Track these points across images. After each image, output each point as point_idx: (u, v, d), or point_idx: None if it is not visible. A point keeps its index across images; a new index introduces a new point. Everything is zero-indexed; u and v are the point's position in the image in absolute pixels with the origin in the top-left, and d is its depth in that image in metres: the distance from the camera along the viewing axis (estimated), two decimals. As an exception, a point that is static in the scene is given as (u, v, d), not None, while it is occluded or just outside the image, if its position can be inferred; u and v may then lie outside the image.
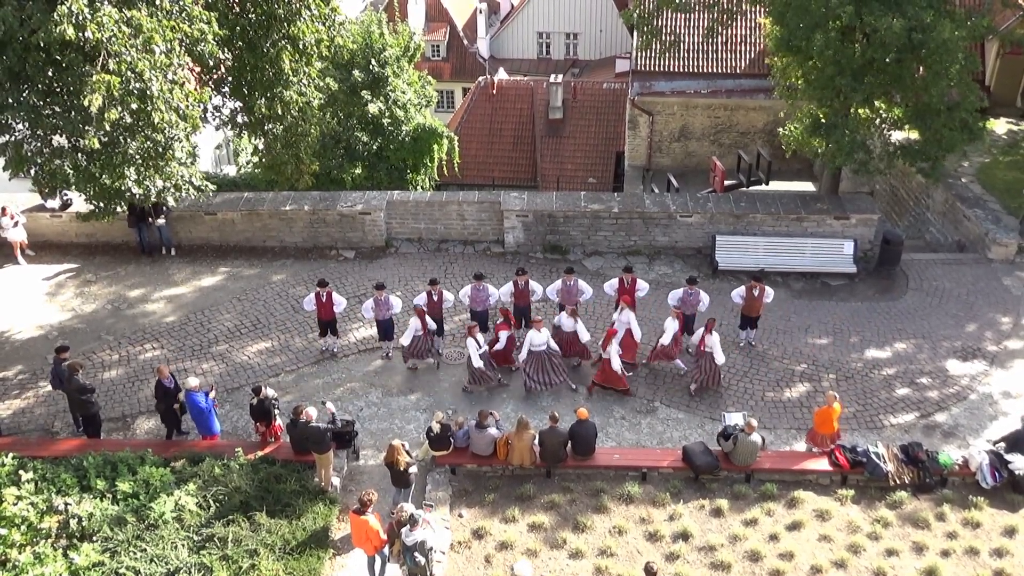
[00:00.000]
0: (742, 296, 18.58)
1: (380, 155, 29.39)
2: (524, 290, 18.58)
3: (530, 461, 15.26)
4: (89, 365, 18.31)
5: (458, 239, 22.98)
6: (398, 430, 16.83)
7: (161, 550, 13.19)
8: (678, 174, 31.57)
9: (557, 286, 18.64)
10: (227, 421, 17.03)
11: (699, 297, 18.28)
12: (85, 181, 16.33)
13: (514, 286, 18.59)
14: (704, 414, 17.23)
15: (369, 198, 23.14)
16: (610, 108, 42.79)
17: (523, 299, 18.66)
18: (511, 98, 44.68)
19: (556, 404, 17.16)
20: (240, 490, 14.34)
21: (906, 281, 21.77)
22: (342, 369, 18.46)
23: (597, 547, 14.13)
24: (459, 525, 14.58)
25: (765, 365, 18.61)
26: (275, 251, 22.98)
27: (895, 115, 21.67)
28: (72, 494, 14.10)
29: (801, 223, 22.23)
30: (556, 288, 18.65)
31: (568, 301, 18.35)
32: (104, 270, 22.14)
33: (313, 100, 20.62)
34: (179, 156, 17.41)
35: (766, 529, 14.47)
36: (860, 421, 17.08)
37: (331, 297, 18.23)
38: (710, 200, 23.12)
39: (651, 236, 22.41)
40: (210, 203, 22.78)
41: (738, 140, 32.85)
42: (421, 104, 30.62)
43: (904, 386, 18.04)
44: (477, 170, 42.05)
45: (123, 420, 17.21)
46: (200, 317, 20.20)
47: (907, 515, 14.72)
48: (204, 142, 33.69)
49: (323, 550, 13.84)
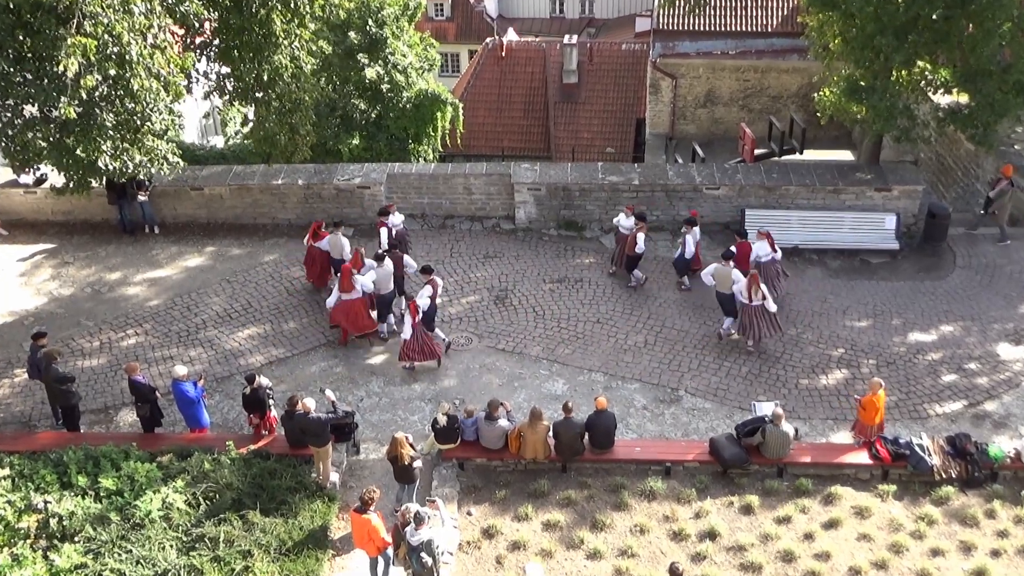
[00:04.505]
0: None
1: (379, 124, 29.31)
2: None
3: (544, 455, 15.28)
4: (67, 352, 18.39)
5: (465, 215, 22.94)
6: (401, 422, 16.87)
7: (147, 551, 13.27)
8: (704, 143, 31.42)
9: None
10: (217, 412, 17.09)
11: (731, 275, 18.27)
12: (59, 154, 16.32)
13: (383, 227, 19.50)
14: (733, 403, 17.20)
15: (368, 171, 23.09)
16: (629, 71, 42.57)
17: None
18: (521, 61, 44.47)
19: (573, 394, 17.18)
20: (232, 487, 14.41)
21: (953, 258, 21.63)
22: (340, 355, 18.50)
23: (617, 547, 14.16)
24: (468, 524, 14.63)
25: (799, 350, 18.55)
26: (267, 229, 22.98)
27: (942, 77, 21.47)
28: (52, 491, 14.18)
29: (838, 196, 22.08)
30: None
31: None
32: (83, 250, 22.20)
33: (306, 65, 20.53)
34: (158, 128, 17.37)
35: (800, 527, 14.46)
36: (903, 411, 17.02)
37: (402, 261, 19.01)
38: (739, 171, 23.00)
39: (675, 211, 22.32)
40: (196, 177, 22.78)
41: (769, 105, 32.62)
42: (423, 68, 30.49)
43: (951, 372, 17.95)
44: (485, 140, 41.94)
45: (105, 412, 17.30)
46: (186, 300, 20.25)
47: (954, 512, 14.69)
48: (190, 112, 33.63)
49: (322, 551, 13.90)
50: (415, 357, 17.65)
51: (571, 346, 18.70)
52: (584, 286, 20.41)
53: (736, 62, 32.02)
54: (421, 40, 30.71)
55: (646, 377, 17.89)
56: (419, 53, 30.29)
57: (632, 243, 19.89)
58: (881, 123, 21.19)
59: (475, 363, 18.27)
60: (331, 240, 19.74)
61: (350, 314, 18.34)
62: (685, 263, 20.14)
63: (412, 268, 19.19)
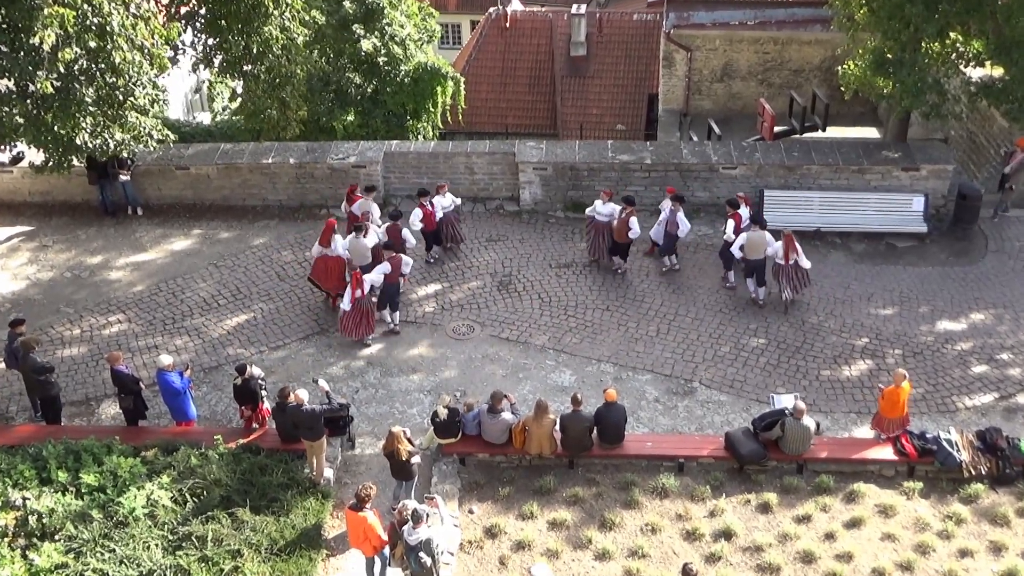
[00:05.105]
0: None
1: (375, 100, 29.23)
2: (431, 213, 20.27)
3: (550, 450, 15.30)
4: (46, 341, 18.45)
5: (466, 196, 22.89)
6: (399, 415, 16.90)
7: (132, 551, 13.30)
8: (720, 120, 31.31)
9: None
10: (204, 405, 17.13)
11: (765, 239, 18.79)
12: (36, 131, 16.31)
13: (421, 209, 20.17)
14: (750, 395, 17.21)
15: (364, 149, 23.06)
16: (641, 43, 42.41)
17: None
18: (527, 32, 44.33)
19: (581, 386, 17.19)
20: (220, 483, 14.44)
21: (985, 242, 21.59)
22: (334, 344, 18.52)
23: (627, 547, 14.20)
24: (469, 522, 14.67)
25: (821, 339, 18.55)
26: (256, 211, 22.99)
27: (974, 49, 21.36)
28: (31, 487, 14.22)
29: (863, 176, 22.03)
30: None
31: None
32: (62, 233, 22.22)
33: (297, 36, 20.48)
34: (142, 104, 17.34)
35: (821, 527, 14.48)
36: (930, 403, 17.02)
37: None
38: (757, 149, 22.95)
39: (689, 191, 22.25)
40: (182, 156, 22.76)
41: (790, 79, 32.49)
42: (422, 40, 30.39)
43: (981, 363, 17.94)
44: (488, 116, 41.88)
45: (86, 404, 17.35)
46: (172, 286, 20.28)
47: (984, 511, 14.70)
48: (175, 87, 33.61)
49: (315, 551, 13.95)
50: (350, 331, 18.17)
51: (579, 335, 18.70)
52: (593, 271, 20.39)
53: (755, 33, 31.88)
54: (420, 10, 30.60)
55: (658, 368, 17.90)
56: (418, 24, 30.18)
57: (624, 229, 19.64)
58: (909, 98, 21.11)
59: (477, 353, 18.28)
60: (361, 204, 20.17)
61: (327, 270, 18.93)
62: (726, 250, 19.56)
63: (408, 266, 19.10)
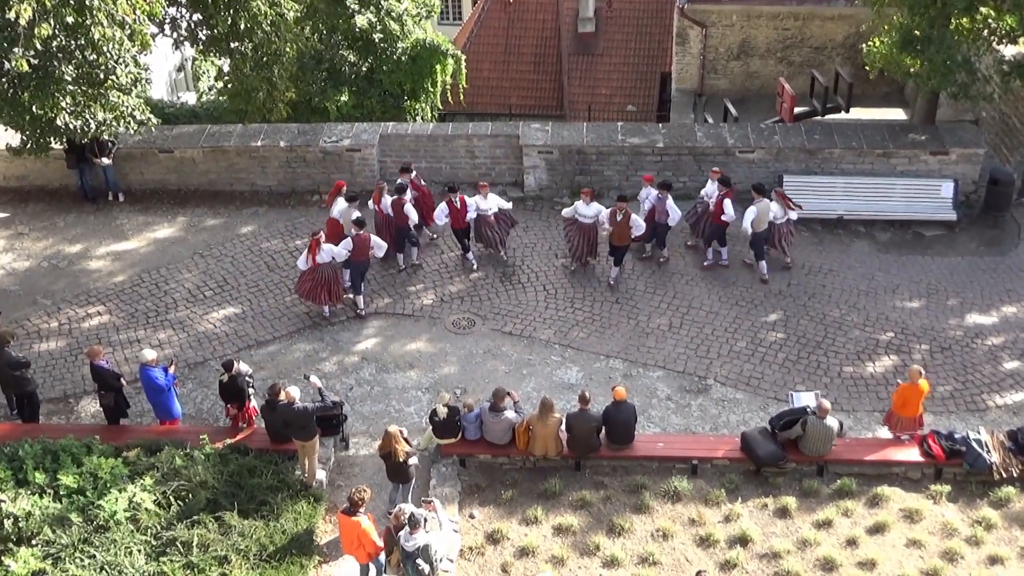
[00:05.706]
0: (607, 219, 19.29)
1: (371, 79, 29.19)
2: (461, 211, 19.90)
3: (556, 451, 15.31)
4: (22, 334, 18.47)
5: (467, 180, 22.86)
6: (395, 414, 16.92)
7: (113, 556, 13.35)
8: (737, 100, 31.20)
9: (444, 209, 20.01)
10: (190, 402, 17.17)
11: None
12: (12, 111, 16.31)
13: (448, 205, 19.89)
14: (768, 393, 17.22)
15: (358, 131, 23.04)
16: (653, 19, 42.27)
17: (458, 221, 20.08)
18: (532, 7, 44.19)
19: (588, 383, 17.18)
20: (206, 485, 14.46)
21: (1018, 231, 21.57)
22: (327, 339, 18.53)
23: (637, 554, 14.21)
24: (470, 528, 14.69)
25: (843, 334, 18.53)
26: (244, 197, 22.98)
27: (1007, 25, 21.27)
28: (6, 489, 14.26)
29: (889, 160, 21.99)
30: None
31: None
32: (39, 220, 22.23)
33: (287, 12, 20.44)
34: (123, 82, 17.33)
35: (842, 533, 14.49)
36: (959, 402, 17.02)
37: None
38: (776, 132, 22.90)
39: (704, 176, 22.19)
40: (166, 138, 22.73)
41: (812, 58, 32.36)
42: (421, 15, 30.31)
43: (1013, 359, 17.94)
44: (490, 96, 41.78)
45: (65, 401, 17.39)
46: (155, 277, 20.29)
47: (1015, 515, 14.70)
48: (159, 65, 33.58)
49: (306, 557, 13.99)
50: (306, 294, 18.50)
51: (586, 329, 18.70)
52: (601, 262, 20.35)
53: (774, 8, 31.73)
54: (418, -17, 30.52)
55: (670, 364, 17.90)
56: (416, -2, 30.11)
57: (626, 230, 19.11)
58: (938, 78, 21.02)
59: (478, 348, 18.29)
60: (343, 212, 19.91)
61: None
62: (758, 242, 19.61)
63: (381, 250, 19.22)
